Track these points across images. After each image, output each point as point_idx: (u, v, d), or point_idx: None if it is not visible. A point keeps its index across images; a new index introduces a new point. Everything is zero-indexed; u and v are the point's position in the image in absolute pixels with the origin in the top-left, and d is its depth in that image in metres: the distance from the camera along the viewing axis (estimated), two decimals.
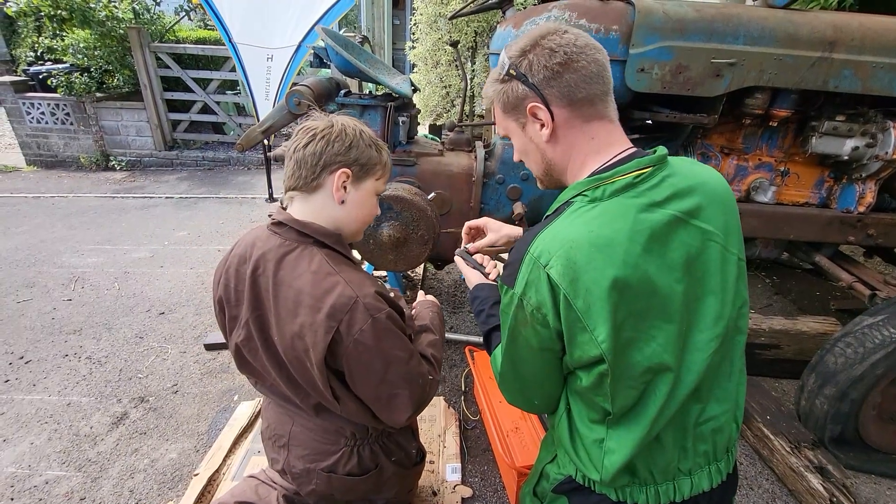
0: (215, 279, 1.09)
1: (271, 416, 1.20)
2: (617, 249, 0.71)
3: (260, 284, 0.99)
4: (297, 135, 0.99)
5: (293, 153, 0.98)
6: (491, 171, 2.11)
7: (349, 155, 0.99)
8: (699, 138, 2.02)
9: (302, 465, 1.14)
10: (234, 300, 1.05)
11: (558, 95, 0.78)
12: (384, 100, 2.07)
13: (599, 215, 0.74)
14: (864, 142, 1.83)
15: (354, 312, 0.91)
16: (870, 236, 1.99)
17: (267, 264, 0.98)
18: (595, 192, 0.77)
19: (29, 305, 2.91)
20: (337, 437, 1.13)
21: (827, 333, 2.17)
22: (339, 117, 1.02)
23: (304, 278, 0.94)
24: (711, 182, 0.82)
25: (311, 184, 0.99)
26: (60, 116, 5.50)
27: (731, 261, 0.81)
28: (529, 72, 0.78)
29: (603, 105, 0.80)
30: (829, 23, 1.67)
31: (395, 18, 9.46)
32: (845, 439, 1.80)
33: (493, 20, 4.96)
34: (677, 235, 0.75)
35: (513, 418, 1.86)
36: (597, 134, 0.81)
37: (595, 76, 0.77)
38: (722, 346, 0.80)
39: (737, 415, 0.88)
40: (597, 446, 0.82)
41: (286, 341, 0.96)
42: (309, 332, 0.92)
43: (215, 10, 3.75)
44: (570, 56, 0.76)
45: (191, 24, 7.24)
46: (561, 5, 1.79)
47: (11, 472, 1.83)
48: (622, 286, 0.71)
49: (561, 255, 0.72)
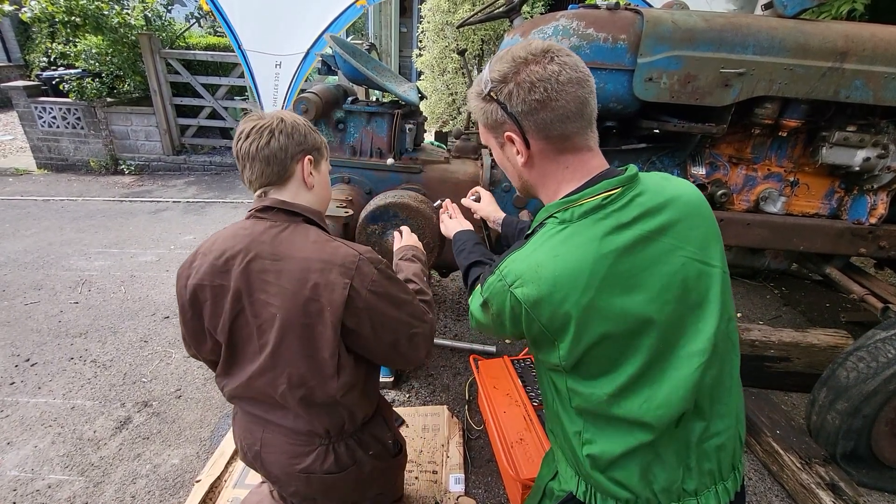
0: (180, 284, 1.07)
1: (240, 428, 1.19)
2: (581, 276, 0.73)
3: (252, 269, 1.00)
4: (250, 135, 1.01)
5: (258, 152, 1.01)
6: (497, 179, 2.10)
7: (307, 143, 1.06)
8: (707, 148, 2.00)
9: (278, 470, 1.13)
10: (211, 298, 1.03)
11: (534, 129, 0.79)
12: (391, 107, 2.07)
13: (566, 239, 0.76)
14: (876, 153, 1.81)
15: (362, 266, 0.99)
16: (882, 248, 1.96)
17: (261, 247, 1.00)
18: (564, 215, 0.78)
19: (36, 308, 2.92)
20: (310, 437, 1.12)
21: (838, 346, 2.13)
22: (273, 112, 1.06)
23: (308, 248, 1.00)
24: (685, 196, 0.81)
25: (284, 176, 1.05)
26: (71, 121, 5.57)
27: (713, 274, 0.79)
28: (509, 101, 0.78)
29: (581, 138, 0.80)
30: (841, 33, 1.66)
31: (402, 26, 9.54)
32: (858, 455, 1.76)
33: (499, 28, 4.99)
34: (646, 255, 0.75)
35: (518, 429, 1.84)
36: (571, 164, 0.82)
37: (573, 114, 0.76)
38: (713, 360, 0.79)
39: (740, 430, 0.87)
40: (576, 438, 0.84)
41: (297, 310, 0.98)
42: (325, 292, 0.97)
43: (226, 18, 3.80)
44: (549, 94, 0.75)
45: (200, 30, 7.33)
46: (569, 14, 1.79)
47: (14, 475, 1.83)
48: (587, 308, 0.73)
49: (526, 278, 0.76)
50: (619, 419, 0.79)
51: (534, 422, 1.86)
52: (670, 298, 0.76)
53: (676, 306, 0.77)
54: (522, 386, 2.04)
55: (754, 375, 2.19)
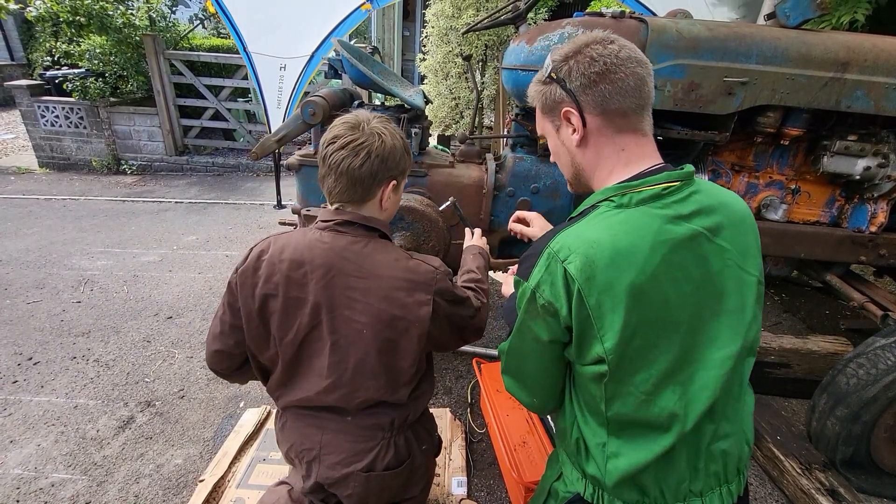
0: (246, 293, 1.05)
1: (294, 433, 1.18)
2: (637, 256, 0.72)
3: (337, 284, 1.01)
4: (345, 149, 0.99)
5: (348, 171, 0.99)
6: (501, 184, 2.12)
7: (397, 168, 1.06)
8: (710, 155, 2.02)
9: (338, 472, 1.13)
10: (283, 308, 1.03)
11: (592, 103, 0.79)
12: (397, 111, 2.09)
13: (624, 221, 0.75)
14: (876, 162, 1.83)
15: (440, 280, 1.07)
16: (881, 256, 1.98)
17: (345, 264, 1.02)
18: (622, 199, 0.78)
19: (38, 307, 2.93)
20: (374, 431, 1.14)
21: (838, 353, 2.14)
22: (374, 124, 1.04)
23: (391, 266, 1.04)
24: (734, 204, 0.83)
25: (366, 198, 1.06)
26: (74, 120, 5.58)
27: (750, 282, 0.81)
28: (568, 77, 0.80)
29: (637, 118, 0.81)
30: (843, 43, 1.68)
31: (406, 30, 9.58)
32: (857, 462, 1.77)
33: (503, 34, 5.02)
34: (698, 251, 0.76)
35: (520, 432, 1.85)
36: (627, 146, 0.82)
37: (631, 89, 0.78)
38: (737, 366, 0.80)
39: (748, 435, 0.88)
40: (599, 450, 0.83)
41: (382, 325, 1.02)
42: (413, 309, 1.03)
43: (231, 20, 3.82)
44: (609, 67, 0.77)
45: (204, 32, 7.36)
46: (574, 22, 1.81)
47: (17, 473, 1.83)
48: (637, 292, 0.72)
49: (581, 252, 0.73)
50: (647, 423, 0.79)
51: (536, 425, 1.87)
52: (710, 298, 0.77)
53: (714, 307, 0.78)
54: None
55: (754, 381, 2.17)
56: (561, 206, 2.12)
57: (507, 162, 2.14)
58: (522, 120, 2.10)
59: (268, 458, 1.83)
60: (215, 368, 1.19)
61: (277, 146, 2.01)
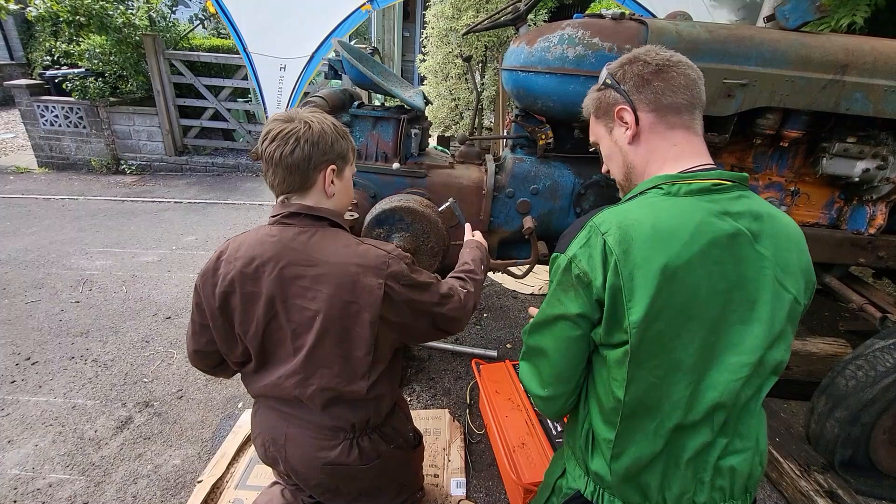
0: (207, 293, 1.08)
1: (263, 421, 1.21)
2: (676, 241, 0.74)
3: (286, 275, 1.02)
4: (276, 140, 1.01)
5: (281, 159, 1.01)
6: (501, 185, 2.12)
7: (332, 152, 1.06)
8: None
9: (302, 464, 1.15)
10: (241, 304, 1.05)
11: (645, 101, 0.84)
12: (397, 112, 2.09)
13: (670, 207, 0.78)
14: (875, 164, 1.83)
15: (392, 264, 1.05)
16: (880, 258, 1.99)
17: (293, 254, 1.03)
18: (671, 188, 0.80)
19: (37, 306, 2.92)
20: (335, 432, 1.14)
21: (837, 355, 2.15)
22: (303, 114, 1.06)
23: (340, 252, 1.04)
24: (782, 219, 0.82)
25: (305, 184, 1.05)
26: (74, 120, 5.57)
27: (785, 298, 0.79)
28: (623, 80, 0.86)
29: (689, 116, 0.84)
30: (842, 46, 1.68)
31: (406, 31, 9.60)
32: (856, 463, 1.78)
33: (503, 35, 5.02)
34: (738, 251, 0.76)
35: (519, 434, 1.85)
36: (679, 142, 0.84)
37: (682, 87, 0.82)
38: (753, 378, 0.79)
39: (761, 454, 0.87)
40: (607, 445, 0.84)
41: (334, 312, 1.02)
42: (363, 293, 1.02)
43: (231, 20, 3.82)
44: (662, 66, 0.82)
45: (204, 32, 7.36)
46: (574, 23, 1.82)
47: (15, 473, 1.83)
48: (670, 274, 0.73)
49: (622, 227, 0.76)
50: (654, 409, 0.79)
51: (535, 426, 1.87)
52: (740, 302, 0.77)
53: (742, 312, 0.77)
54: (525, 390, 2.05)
55: None
56: (560, 208, 2.12)
57: (507, 163, 2.14)
58: (522, 121, 2.10)
59: None
60: (197, 366, 1.23)
61: None
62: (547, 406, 0.92)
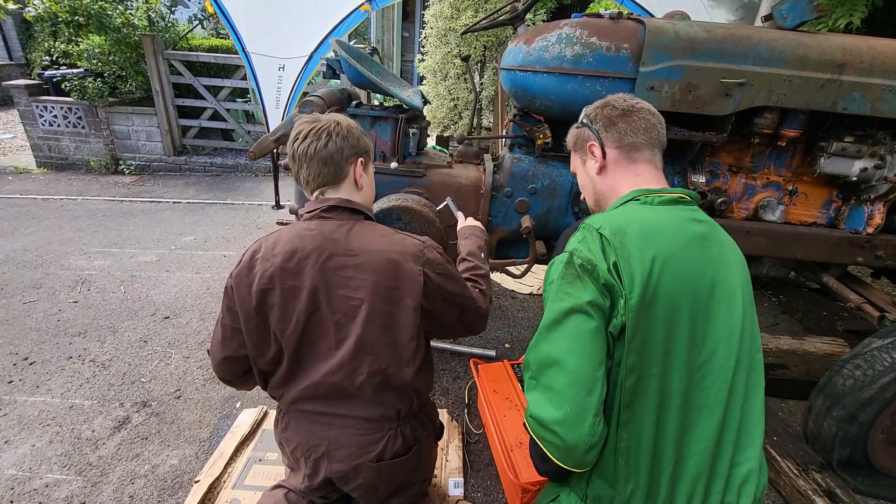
0: (242, 292, 1.07)
1: (299, 433, 1.19)
2: (662, 235, 0.85)
3: (329, 266, 1.05)
4: (308, 137, 1.07)
5: (316, 153, 1.06)
6: (499, 184, 2.12)
7: (360, 146, 1.14)
8: (707, 156, 2.03)
9: (347, 465, 1.15)
10: (281, 300, 1.06)
11: (611, 139, 1.00)
12: (395, 111, 2.09)
13: (651, 212, 0.91)
14: (873, 163, 1.83)
15: (428, 253, 1.11)
16: (878, 258, 1.99)
17: (335, 245, 1.06)
18: (647, 199, 0.94)
19: (35, 306, 2.92)
20: (381, 423, 1.17)
21: (835, 354, 2.15)
22: (330, 115, 1.12)
23: (379, 241, 1.08)
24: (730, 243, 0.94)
25: (339, 177, 1.11)
26: (72, 120, 5.57)
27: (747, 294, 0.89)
28: (595, 120, 1.03)
29: (649, 152, 0.99)
30: (839, 45, 1.69)
31: (405, 31, 9.59)
32: (854, 463, 1.78)
33: (502, 35, 5.03)
34: (708, 252, 0.87)
35: (517, 433, 1.84)
36: (641, 173, 0.99)
37: (643, 129, 0.98)
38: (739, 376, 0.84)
39: (762, 462, 0.89)
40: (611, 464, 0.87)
41: (378, 299, 1.05)
42: (405, 280, 1.06)
43: (230, 20, 3.82)
44: (626, 111, 0.99)
45: (203, 32, 7.35)
46: (572, 23, 1.82)
47: (12, 474, 1.82)
48: (661, 263, 0.82)
49: (614, 224, 0.87)
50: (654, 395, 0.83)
51: None
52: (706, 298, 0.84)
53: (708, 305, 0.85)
54: (522, 390, 2.04)
55: None
56: (558, 207, 2.12)
57: (505, 162, 2.14)
58: (520, 121, 2.10)
59: (264, 459, 1.83)
60: (225, 377, 1.22)
61: (275, 146, 2.00)
62: (568, 432, 0.77)
